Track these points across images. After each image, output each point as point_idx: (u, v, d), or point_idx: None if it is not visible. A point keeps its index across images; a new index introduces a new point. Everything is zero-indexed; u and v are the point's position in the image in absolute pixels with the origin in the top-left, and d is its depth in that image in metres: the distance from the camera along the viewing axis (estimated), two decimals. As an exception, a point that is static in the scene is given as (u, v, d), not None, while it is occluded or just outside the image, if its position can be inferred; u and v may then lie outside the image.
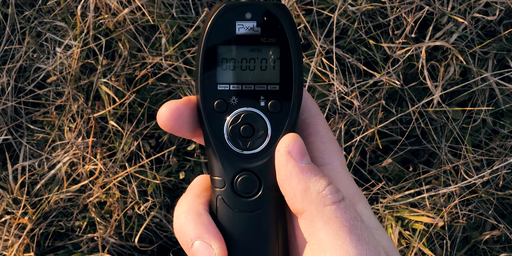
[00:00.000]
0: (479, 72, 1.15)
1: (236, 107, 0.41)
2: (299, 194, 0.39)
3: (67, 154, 1.19)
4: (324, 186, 0.39)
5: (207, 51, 0.41)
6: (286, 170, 0.40)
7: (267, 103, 0.42)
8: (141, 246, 1.23)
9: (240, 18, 0.41)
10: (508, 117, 1.20)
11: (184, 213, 0.42)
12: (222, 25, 0.41)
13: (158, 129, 1.22)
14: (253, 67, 0.42)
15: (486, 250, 1.21)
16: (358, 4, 1.12)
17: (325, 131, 0.44)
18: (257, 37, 0.41)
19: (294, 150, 0.40)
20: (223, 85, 0.41)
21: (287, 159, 0.40)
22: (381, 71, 1.15)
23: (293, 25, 0.41)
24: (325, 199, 0.39)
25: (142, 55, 1.17)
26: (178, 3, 1.17)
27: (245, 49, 0.41)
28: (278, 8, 0.41)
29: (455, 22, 1.12)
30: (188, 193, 0.44)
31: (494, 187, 1.19)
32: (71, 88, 1.18)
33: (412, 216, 1.14)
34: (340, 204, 0.39)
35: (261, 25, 0.41)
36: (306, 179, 0.40)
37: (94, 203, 1.20)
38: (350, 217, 0.38)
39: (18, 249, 1.17)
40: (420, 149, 1.24)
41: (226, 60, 0.41)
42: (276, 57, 0.41)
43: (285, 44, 0.41)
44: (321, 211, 0.39)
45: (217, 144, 0.42)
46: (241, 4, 0.41)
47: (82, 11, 1.16)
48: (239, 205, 0.42)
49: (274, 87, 0.42)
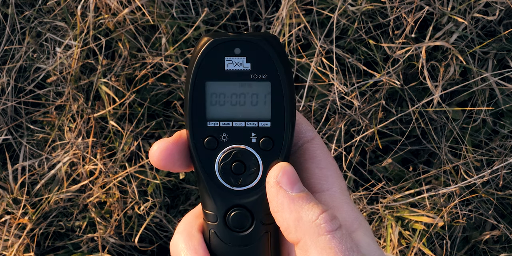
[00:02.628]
0: (479, 72, 1.15)
1: (226, 144, 0.41)
2: (293, 224, 0.38)
3: (67, 154, 1.19)
4: (318, 214, 0.38)
5: (196, 86, 0.40)
6: (277, 201, 0.39)
7: (259, 140, 0.41)
8: (141, 246, 1.23)
9: (229, 53, 0.39)
10: (508, 117, 1.20)
11: (178, 233, 0.42)
12: (210, 60, 0.40)
13: (158, 129, 1.22)
14: (243, 102, 0.40)
15: (486, 250, 1.21)
16: (358, 4, 1.12)
17: (323, 156, 0.42)
18: (247, 73, 0.40)
19: (284, 180, 0.39)
20: (212, 122, 0.41)
21: (277, 190, 0.39)
22: (381, 71, 1.15)
23: (285, 59, 0.40)
24: (319, 228, 0.37)
25: (142, 55, 1.17)
26: (178, 3, 1.17)
27: (235, 85, 0.40)
28: (268, 42, 0.40)
29: (455, 22, 1.12)
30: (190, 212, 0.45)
31: (494, 187, 1.19)
32: (71, 88, 1.18)
33: (412, 216, 1.14)
34: (336, 234, 0.38)
35: (251, 61, 0.40)
36: (298, 208, 0.38)
37: (94, 203, 1.20)
38: (346, 248, 0.37)
39: (18, 249, 1.17)
40: (420, 149, 1.24)
41: (215, 95, 0.40)
42: (267, 92, 0.40)
43: (276, 79, 0.40)
44: (315, 241, 0.37)
45: (208, 180, 0.41)
46: (230, 39, 0.39)
47: (82, 11, 1.16)
48: (232, 240, 0.42)
49: (265, 124, 0.41)
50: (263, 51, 0.40)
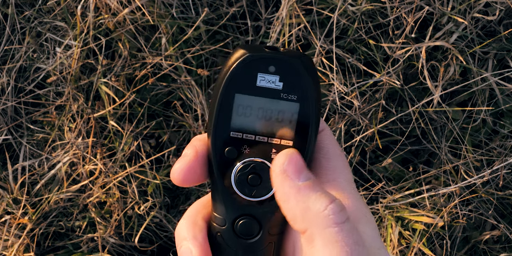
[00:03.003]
0: (479, 72, 1.15)
1: (246, 156, 0.41)
2: (299, 214, 0.38)
3: (67, 154, 1.19)
4: (326, 204, 0.37)
5: (225, 97, 0.40)
6: (283, 191, 0.38)
7: None
8: (141, 246, 1.23)
9: (263, 70, 0.40)
10: (508, 117, 1.20)
11: (184, 219, 0.43)
12: (243, 74, 0.40)
13: (158, 129, 1.22)
14: (269, 117, 0.41)
15: (486, 250, 1.21)
16: (358, 4, 1.11)
17: (331, 147, 0.42)
18: (278, 92, 0.40)
19: (290, 168, 0.39)
20: (236, 133, 0.41)
21: (283, 179, 0.39)
22: (381, 71, 1.15)
23: (316, 82, 0.41)
24: (327, 219, 0.36)
25: (142, 55, 1.17)
26: (178, 3, 1.17)
27: (264, 101, 0.41)
28: (303, 63, 0.40)
29: (455, 22, 1.12)
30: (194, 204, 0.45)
31: (494, 187, 1.19)
32: (71, 88, 1.18)
33: (412, 216, 1.14)
34: (344, 226, 0.36)
35: (283, 80, 0.40)
36: (305, 198, 0.37)
37: (94, 203, 1.20)
38: (353, 242, 0.36)
39: (18, 249, 1.17)
40: (420, 149, 1.24)
41: (242, 107, 0.41)
42: (295, 112, 0.41)
43: (305, 102, 0.40)
44: (322, 232, 0.36)
45: (223, 187, 0.42)
46: (266, 57, 0.40)
47: (82, 11, 1.16)
48: (237, 245, 0.42)
49: (287, 142, 0.41)
50: (297, 73, 0.40)
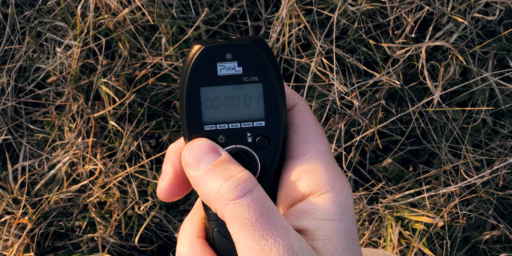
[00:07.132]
0: (479, 72, 1.15)
1: (224, 145, 0.42)
2: (206, 200, 0.38)
3: (67, 154, 1.19)
4: (220, 184, 0.37)
5: (190, 93, 0.41)
6: (192, 182, 0.39)
7: (255, 139, 0.42)
8: (141, 246, 1.23)
9: (220, 59, 0.41)
10: (508, 117, 1.20)
11: (182, 243, 0.43)
12: (203, 67, 0.41)
13: (158, 129, 1.22)
14: (237, 104, 0.42)
15: (486, 250, 1.21)
16: (358, 4, 1.12)
17: (301, 122, 0.42)
18: (239, 77, 0.41)
19: (190, 159, 0.40)
20: (209, 126, 0.42)
21: (188, 172, 0.39)
22: (381, 71, 1.15)
23: (273, 60, 0.42)
24: (223, 199, 0.37)
25: (142, 55, 1.17)
26: (178, 3, 1.17)
27: (228, 89, 0.42)
28: (257, 45, 0.41)
29: (455, 22, 1.12)
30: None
31: (494, 187, 1.19)
32: (71, 88, 1.18)
33: (412, 216, 1.14)
34: (242, 200, 0.37)
35: (242, 64, 0.41)
36: (205, 185, 0.38)
37: (94, 203, 1.20)
38: (257, 214, 0.36)
39: (18, 249, 1.17)
40: (420, 149, 1.24)
41: (210, 100, 0.42)
42: (259, 93, 0.42)
43: (267, 80, 0.41)
44: (225, 212, 0.37)
45: None
46: (220, 45, 0.41)
47: (82, 11, 1.16)
48: None
49: (260, 123, 0.42)
50: (253, 55, 0.41)
